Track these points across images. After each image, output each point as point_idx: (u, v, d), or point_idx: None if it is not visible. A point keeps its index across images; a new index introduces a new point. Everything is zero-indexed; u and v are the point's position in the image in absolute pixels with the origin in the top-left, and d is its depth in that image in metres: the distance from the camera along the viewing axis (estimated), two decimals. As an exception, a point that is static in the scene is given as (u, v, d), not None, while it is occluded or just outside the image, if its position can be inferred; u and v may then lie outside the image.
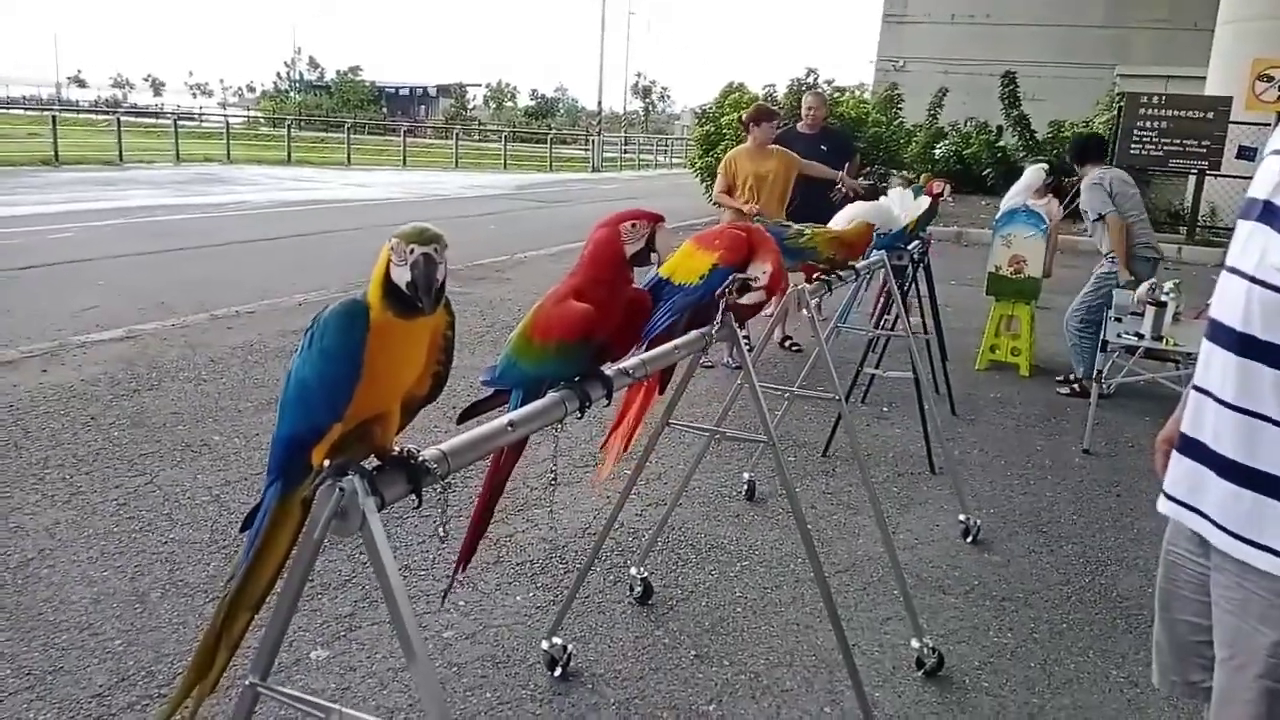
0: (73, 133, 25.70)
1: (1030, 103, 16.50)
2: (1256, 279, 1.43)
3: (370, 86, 71.41)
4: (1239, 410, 1.45)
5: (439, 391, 1.40)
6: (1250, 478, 1.44)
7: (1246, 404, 1.44)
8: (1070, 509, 4.04)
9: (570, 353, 1.71)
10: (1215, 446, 1.49)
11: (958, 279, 8.78)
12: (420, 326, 1.28)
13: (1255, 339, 1.43)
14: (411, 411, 1.38)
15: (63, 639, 2.67)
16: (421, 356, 1.32)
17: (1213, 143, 12.14)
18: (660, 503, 3.77)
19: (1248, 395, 1.44)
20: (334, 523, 1.19)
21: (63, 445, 4.09)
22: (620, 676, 2.66)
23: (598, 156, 30.82)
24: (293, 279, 8.14)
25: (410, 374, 1.32)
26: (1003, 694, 2.67)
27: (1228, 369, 1.47)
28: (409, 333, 1.26)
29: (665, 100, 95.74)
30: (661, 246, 1.76)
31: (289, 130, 29.34)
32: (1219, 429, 1.48)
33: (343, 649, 2.71)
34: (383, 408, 1.31)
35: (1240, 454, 1.45)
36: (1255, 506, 1.43)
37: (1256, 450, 1.43)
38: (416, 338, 1.29)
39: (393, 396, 1.32)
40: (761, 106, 6.40)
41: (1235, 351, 1.46)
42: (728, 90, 15.53)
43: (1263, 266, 1.42)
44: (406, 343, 1.27)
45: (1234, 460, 1.46)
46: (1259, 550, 1.42)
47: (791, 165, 6.00)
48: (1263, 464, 1.42)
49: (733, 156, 6.16)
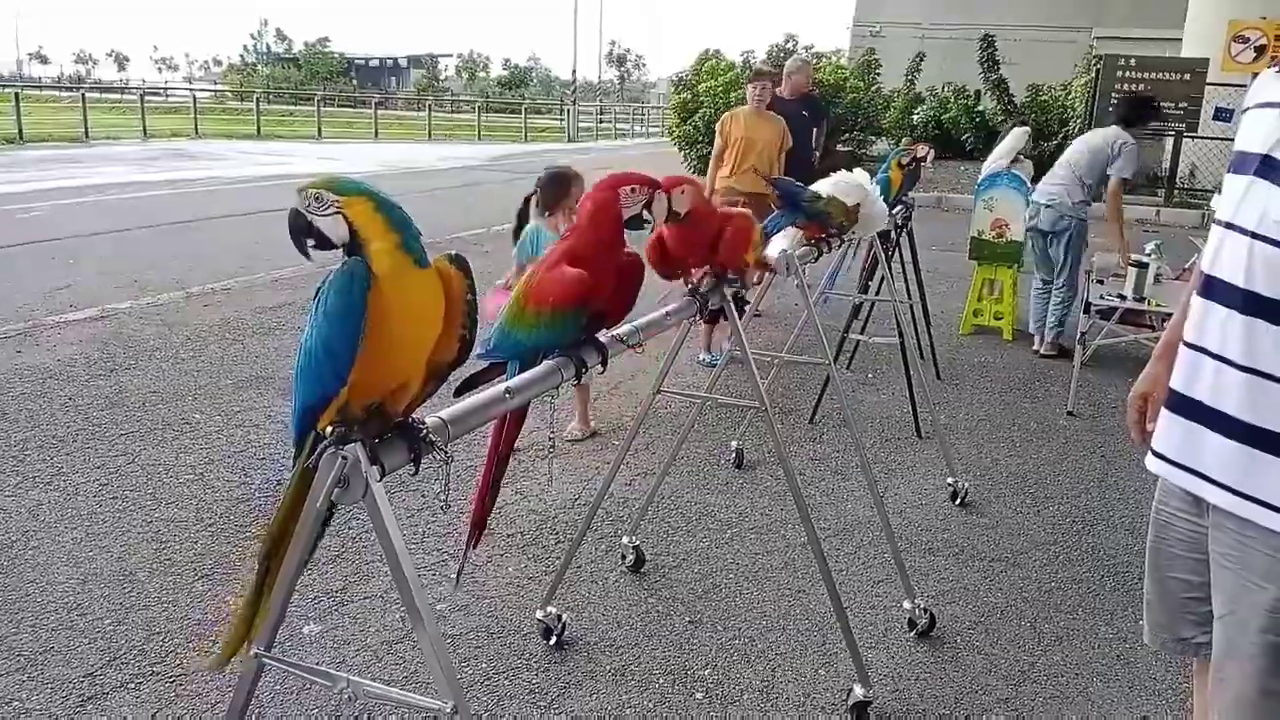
0: (36, 110, 25.16)
1: (1007, 66, 16.44)
2: (1259, 234, 1.41)
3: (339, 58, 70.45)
4: (1242, 368, 1.44)
5: (466, 356, 1.41)
6: (1253, 434, 1.43)
7: (1251, 362, 1.43)
8: (1056, 470, 4.07)
9: (565, 319, 1.68)
10: (1214, 404, 1.48)
11: (939, 244, 8.80)
12: (427, 283, 1.28)
13: (1259, 295, 1.41)
14: (440, 377, 1.39)
15: (51, 620, 2.63)
16: (435, 316, 1.31)
17: (1190, 104, 12.18)
18: (650, 472, 3.77)
19: (1252, 353, 1.42)
20: (336, 491, 1.17)
21: (41, 427, 4.03)
22: (615, 644, 2.67)
23: (573, 127, 30.52)
24: (268, 255, 8.02)
25: (425, 335, 1.30)
26: (994, 652, 2.70)
27: (1230, 326, 1.45)
28: (416, 288, 1.26)
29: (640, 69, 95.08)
30: (657, 211, 1.73)
31: (258, 104, 28.86)
32: (1219, 386, 1.47)
33: (335, 623, 2.69)
34: (402, 377, 1.30)
35: (1243, 411, 1.44)
36: (1257, 463, 1.43)
37: (1259, 407, 1.42)
38: (423, 294, 1.28)
39: (410, 363, 1.30)
40: (764, 69, 6.53)
41: (1238, 309, 1.44)
42: (704, 57, 15.40)
43: (1265, 222, 1.40)
44: (413, 299, 1.26)
45: (1235, 417, 1.45)
46: (1260, 506, 1.42)
47: (784, 136, 5.93)
48: (1265, 421, 1.41)
49: (731, 116, 6.00)
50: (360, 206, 1.23)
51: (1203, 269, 1.54)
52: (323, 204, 1.23)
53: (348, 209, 1.23)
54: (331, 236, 1.24)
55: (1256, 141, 1.46)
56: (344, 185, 1.25)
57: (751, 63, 15.79)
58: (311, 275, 7.33)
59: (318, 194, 1.23)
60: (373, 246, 1.23)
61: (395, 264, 1.23)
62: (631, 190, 1.71)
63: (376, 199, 1.25)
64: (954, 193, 13.23)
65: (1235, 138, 1.56)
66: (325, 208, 1.23)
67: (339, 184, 1.25)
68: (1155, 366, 1.77)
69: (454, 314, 1.34)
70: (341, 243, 1.24)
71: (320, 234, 1.25)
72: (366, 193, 1.24)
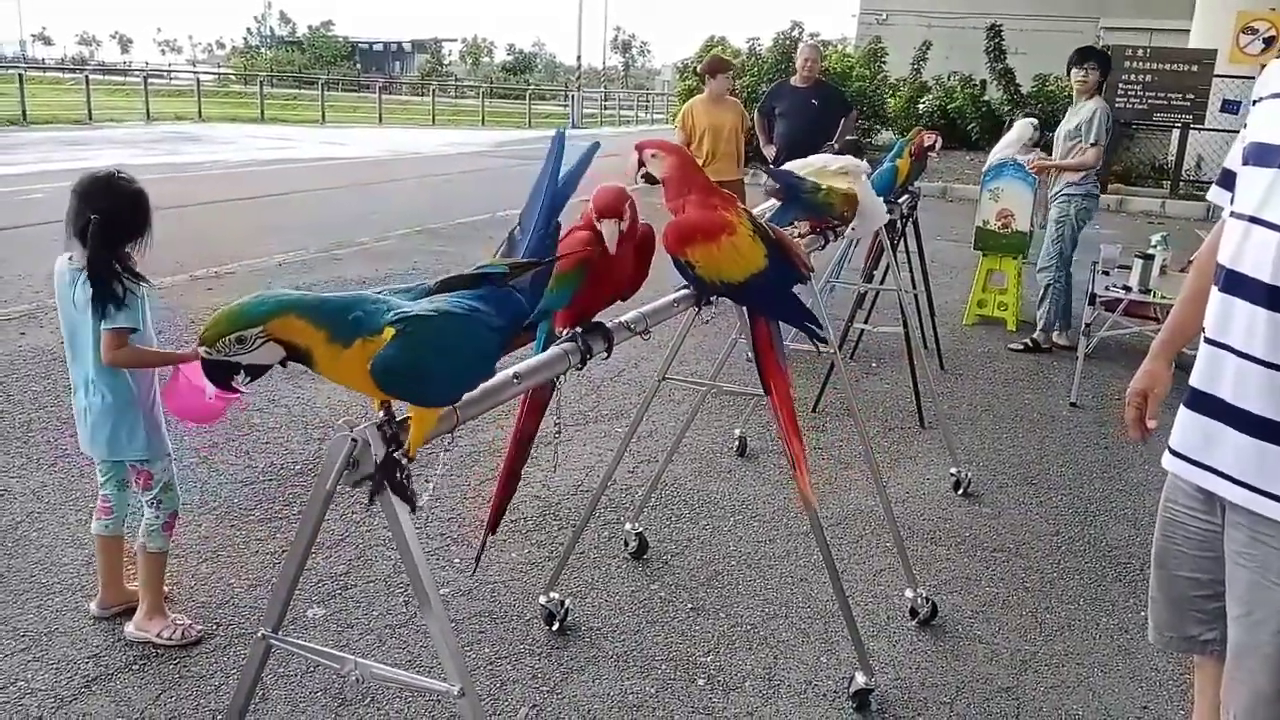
0: (40, 91, 25.11)
1: (1013, 56, 16.37)
2: None
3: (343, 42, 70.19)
4: (1267, 364, 1.41)
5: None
6: (1273, 430, 1.41)
7: (1276, 358, 1.40)
8: (1059, 461, 4.07)
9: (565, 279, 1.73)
10: (1236, 401, 1.46)
11: (944, 234, 8.78)
12: (355, 360, 1.24)
13: None
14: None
15: (56, 601, 2.65)
16: (365, 386, 1.27)
17: (1197, 96, 12.12)
18: (652, 460, 3.77)
19: (1277, 350, 1.40)
20: (346, 473, 1.18)
21: (45, 408, 4.03)
22: (617, 630, 2.68)
23: (577, 113, 30.41)
24: (270, 240, 8.02)
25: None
26: (995, 642, 2.71)
27: (1255, 323, 1.42)
28: (345, 369, 1.25)
29: (645, 55, 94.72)
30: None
31: (261, 88, 28.77)
32: (1241, 383, 1.45)
33: (339, 606, 2.70)
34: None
35: (1265, 408, 1.42)
36: (1275, 459, 1.41)
37: None
38: (352, 371, 1.25)
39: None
40: (717, 58, 6.52)
41: (1265, 305, 1.41)
42: (709, 44, 15.37)
43: None
44: (343, 379, 1.27)
45: (1259, 415, 1.43)
46: (1277, 502, 1.41)
47: (744, 118, 6.13)
48: None
49: (689, 108, 6.16)
50: (284, 322, 1.18)
51: (1223, 263, 1.50)
52: (247, 343, 1.17)
53: (276, 333, 1.18)
54: (267, 364, 1.20)
55: (1279, 134, 1.44)
56: (253, 314, 1.17)
57: (757, 50, 15.74)
58: (317, 260, 7.33)
59: (238, 336, 1.16)
60: (315, 353, 1.20)
61: (329, 355, 1.21)
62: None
63: (292, 307, 1.19)
64: (959, 183, 13.20)
65: (1247, 128, 1.53)
66: (251, 344, 1.17)
67: (245, 316, 1.17)
68: (1153, 363, 1.76)
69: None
70: (278, 362, 1.21)
71: (254, 368, 1.20)
72: (281, 307, 1.18)
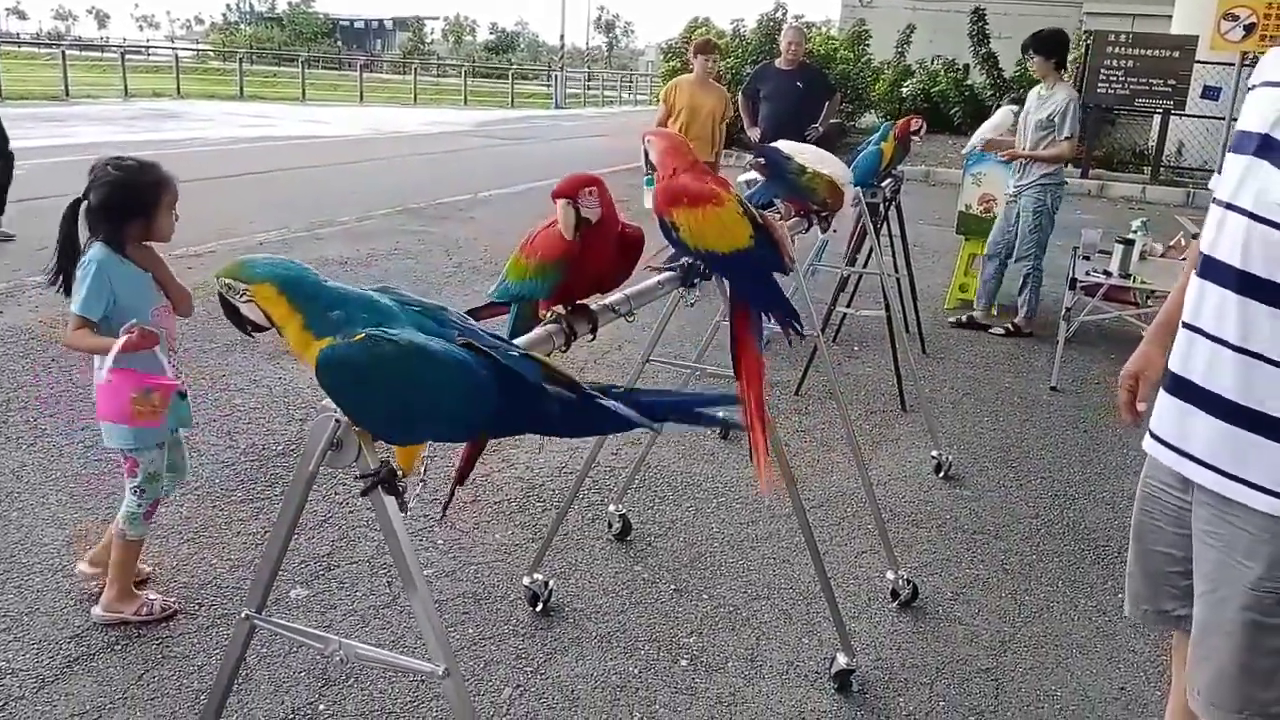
0: (14, 66, 24.67)
1: (997, 40, 16.39)
2: (1256, 215, 1.40)
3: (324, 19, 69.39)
4: (1237, 349, 1.43)
5: None
6: (1243, 416, 1.43)
7: (1245, 343, 1.42)
8: (1039, 445, 4.11)
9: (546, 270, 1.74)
10: (1206, 384, 1.48)
11: (926, 218, 8.80)
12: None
13: (1255, 277, 1.41)
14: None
15: (36, 581, 2.63)
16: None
17: (1178, 82, 12.17)
18: (636, 442, 3.77)
19: (1247, 334, 1.42)
20: (329, 454, 1.17)
21: (24, 388, 3.99)
22: (601, 611, 2.69)
23: (560, 93, 30.23)
24: (252, 218, 7.95)
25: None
26: (975, 623, 2.74)
27: (1225, 307, 1.44)
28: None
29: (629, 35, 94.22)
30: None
31: (240, 64, 28.42)
32: (1212, 366, 1.47)
33: (322, 587, 2.70)
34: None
35: (1236, 393, 1.43)
36: (1245, 444, 1.43)
37: (1252, 389, 1.42)
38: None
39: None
40: (709, 39, 6.49)
41: (1234, 289, 1.43)
42: (693, 25, 15.30)
43: (1262, 202, 1.39)
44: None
45: (1227, 398, 1.45)
46: (1246, 487, 1.43)
47: (726, 106, 6.11)
48: (1256, 402, 1.41)
49: (674, 85, 6.14)
50: (266, 292, 1.22)
51: (1202, 249, 1.52)
52: (236, 292, 1.22)
53: (256, 297, 1.22)
54: (257, 320, 1.24)
55: (1257, 121, 1.44)
56: (249, 271, 1.23)
57: (741, 31, 15.68)
58: (298, 239, 7.27)
59: (229, 283, 1.23)
60: (287, 331, 1.22)
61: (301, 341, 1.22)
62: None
63: (280, 281, 1.22)
64: (942, 167, 13.22)
65: (1240, 116, 1.55)
66: (240, 295, 1.22)
67: (245, 270, 1.23)
68: (1147, 346, 1.77)
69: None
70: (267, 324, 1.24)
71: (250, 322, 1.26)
72: (270, 277, 1.22)
